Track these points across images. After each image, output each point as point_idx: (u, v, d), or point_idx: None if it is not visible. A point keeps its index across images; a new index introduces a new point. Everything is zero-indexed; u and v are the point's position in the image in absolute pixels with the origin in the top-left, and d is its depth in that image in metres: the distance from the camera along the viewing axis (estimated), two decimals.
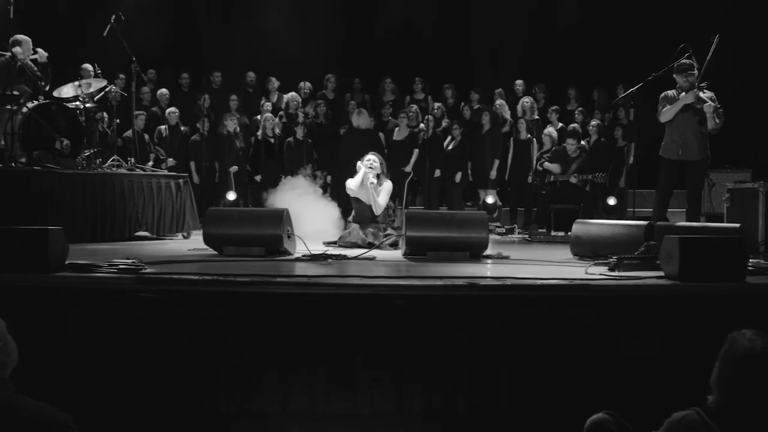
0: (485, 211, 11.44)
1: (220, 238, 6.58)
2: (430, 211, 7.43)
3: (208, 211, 6.75)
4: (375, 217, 8.09)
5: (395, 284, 4.89)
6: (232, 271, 5.29)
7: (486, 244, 6.49)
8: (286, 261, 6.27)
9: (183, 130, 12.16)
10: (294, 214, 7.73)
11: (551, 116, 12.53)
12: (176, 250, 7.20)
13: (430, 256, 6.43)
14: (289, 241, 6.69)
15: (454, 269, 5.70)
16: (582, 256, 6.78)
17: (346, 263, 6.16)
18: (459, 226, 6.44)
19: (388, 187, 8.29)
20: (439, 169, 11.96)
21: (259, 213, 6.64)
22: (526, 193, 12.15)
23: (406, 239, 6.43)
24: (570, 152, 10.37)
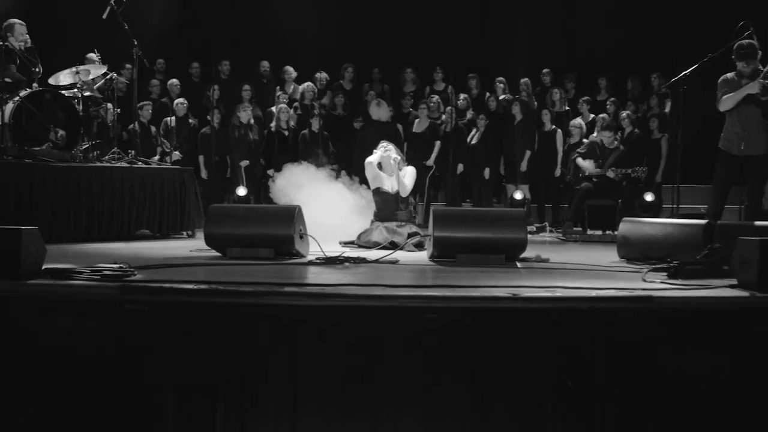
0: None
1: (223, 238, 5.82)
2: (460, 209, 6.59)
3: (210, 209, 5.99)
4: (399, 205, 7.31)
5: (424, 295, 4.10)
6: (235, 278, 4.53)
7: (524, 246, 5.69)
8: (297, 265, 5.50)
9: (191, 123, 11.40)
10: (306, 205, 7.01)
11: (582, 107, 11.71)
12: (176, 252, 6.45)
13: (460, 260, 5.64)
14: (301, 242, 5.91)
15: (490, 276, 4.91)
16: (630, 258, 5.99)
17: (365, 268, 5.37)
18: (493, 225, 5.64)
19: (412, 171, 7.57)
20: (462, 164, 11.16)
21: (267, 210, 5.88)
22: (553, 188, 11.35)
23: (434, 240, 5.64)
24: (607, 144, 9.53)
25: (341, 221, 7.75)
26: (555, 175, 11.17)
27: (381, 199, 7.38)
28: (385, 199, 7.35)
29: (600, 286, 4.38)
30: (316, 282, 4.44)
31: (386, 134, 10.22)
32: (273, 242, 5.75)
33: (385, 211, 7.33)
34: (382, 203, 7.37)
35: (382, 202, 7.37)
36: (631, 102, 11.91)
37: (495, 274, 4.99)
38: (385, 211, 7.32)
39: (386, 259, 5.72)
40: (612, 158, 9.41)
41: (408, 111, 11.84)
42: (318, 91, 11.78)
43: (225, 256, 5.85)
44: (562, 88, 12.18)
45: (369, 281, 4.63)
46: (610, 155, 9.45)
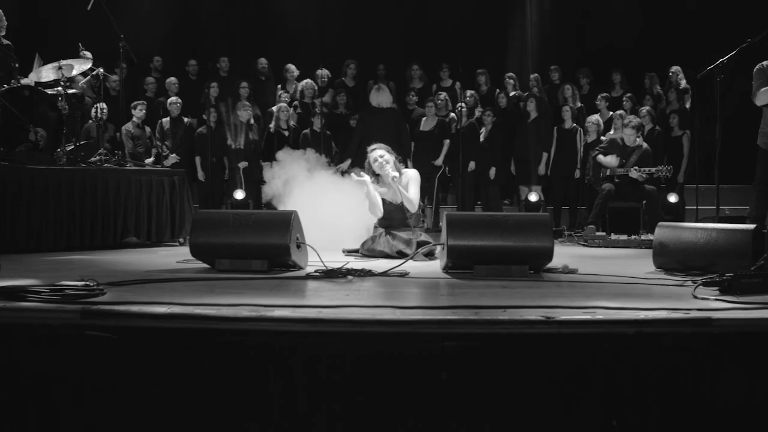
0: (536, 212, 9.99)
1: (211, 248, 5.12)
2: (477, 214, 5.84)
3: (196, 215, 5.29)
4: (407, 219, 6.55)
5: (441, 319, 3.40)
6: (217, 298, 3.83)
7: (551, 255, 4.97)
8: (293, 279, 4.78)
9: (186, 122, 10.70)
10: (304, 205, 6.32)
11: (600, 104, 11.00)
12: (162, 263, 5.76)
13: (478, 272, 4.93)
14: (299, 251, 5.21)
15: (515, 292, 4.20)
16: (668, 268, 5.28)
17: (371, 282, 4.67)
18: (515, 232, 4.92)
19: (414, 175, 6.66)
20: (473, 162, 10.46)
21: (260, 217, 5.16)
22: (572, 190, 10.64)
23: (448, 250, 4.92)
24: (628, 142, 8.80)
25: (345, 223, 7.05)
26: (575, 177, 10.46)
27: (385, 209, 6.62)
28: (389, 210, 6.60)
29: (645, 306, 3.67)
30: (312, 303, 3.73)
31: (388, 121, 9.54)
32: (266, 253, 5.05)
33: (389, 219, 6.60)
34: (387, 215, 6.62)
35: (386, 212, 6.62)
36: (650, 98, 11.21)
37: (520, 290, 4.28)
38: (389, 220, 6.60)
39: (395, 271, 5.01)
40: (635, 157, 8.70)
41: (413, 108, 11.14)
42: (319, 88, 11.10)
43: (214, 268, 5.15)
44: (576, 84, 11.47)
45: (375, 300, 3.93)
46: (633, 153, 8.73)
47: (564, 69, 11.85)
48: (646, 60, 11.92)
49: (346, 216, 7.15)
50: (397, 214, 6.55)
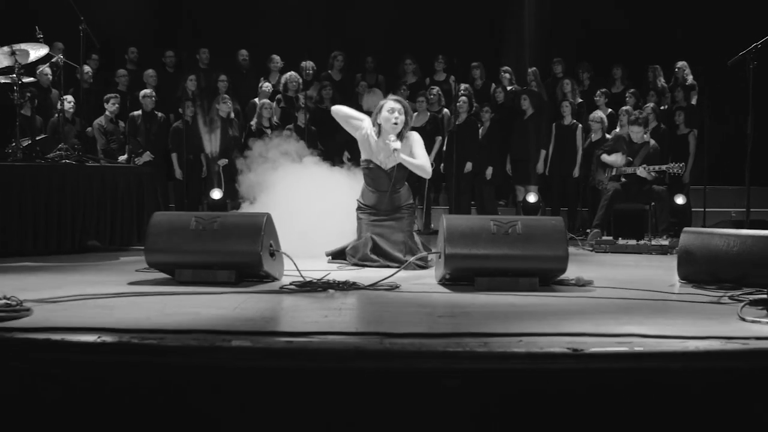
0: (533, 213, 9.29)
1: (169, 256, 4.39)
2: (479, 217, 5.06)
3: (153, 218, 4.53)
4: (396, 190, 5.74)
5: (441, 351, 2.69)
6: (167, 321, 3.12)
7: (565, 267, 4.27)
8: (264, 293, 4.06)
9: (159, 117, 9.92)
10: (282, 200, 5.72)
11: (599, 100, 10.29)
12: (118, 271, 5.02)
13: (480, 284, 4.22)
14: (272, 260, 4.49)
15: (527, 313, 3.49)
16: (695, 280, 4.59)
17: (355, 297, 3.95)
18: (524, 238, 4.22)
19: (416, 138, 5.76)
20: (470, 162, 9.75)
21: (227, 220, 4.43)
22: (570, 190, 9.94)
23: (446, 259, 4.21)
24: (636, 140, 8.08)
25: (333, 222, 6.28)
26: (573, 176, 9.77)
27: (371, 177, 5.77)
28: (375, 178, 5.75)
29: (691, 333, 2.97)
30: (280, 328, 3.01)
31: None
32: (234, 262, 4.32)
33: (373, 195, 5.76)
34: (372, 182, 5.77)
35: (372, 181, 5.77)
36: (653, 93, 10.52)
37: (532, 310, 3.57)
38: (373, 196, 5.76)
39: (384, 284, 4.29)
40: (642, 154, 7.98)
41: None
42: (304, 81, 10.36)
43: (174, 279, 4.43)
44: (575, 79, 10.77)
45: (359, 323, 3.22)
46: (640, 151, 8.02)
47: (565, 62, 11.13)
48: (648, 54, 11.24)
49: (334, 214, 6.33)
50: (383, 183, 5.71)
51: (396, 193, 5.76)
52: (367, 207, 5.79)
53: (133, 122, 9.78)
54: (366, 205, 5.80)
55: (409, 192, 5.91)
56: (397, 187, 5.77)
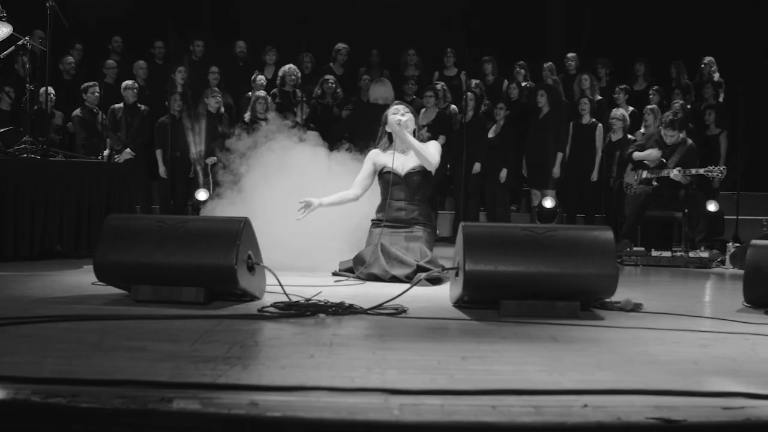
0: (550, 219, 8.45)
1: (124, 269, 3.55)
2: (505, 226, 4.10)
3: (106, 221, 3.68)
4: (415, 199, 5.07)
5: (469, 423, 1.84)
6: (98, 363, 2.29)
7: (614, 288, 3.42)
8: (237, 318, 3.20)
9: (142, 110, 9.07)
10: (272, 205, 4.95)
11: (619, 97, 9.44)
12: (68, 286, 4.17)
13: (507, 309, 3.37)
14: (251, 275, 3.64)
15: (576, 350, 2.65)
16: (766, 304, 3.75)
17: (351, 327, 3.10)
18: (564, 253, 3.37)
19: (434, 142, 5.29)
20: (479, 163, 8.92)
21: (196, 226, 3.58)
22: (588, 194, 9.08)
23: (465, 278, 3.35)
24: (669, 142, 7.18)
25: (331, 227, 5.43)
26: (591, 179, 8.92)
27: (383, 183, 5.15)
28: (388, 182, 5.08)
29: None
30: (245, 380, 2.16)
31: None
32: (203, 277, 3.48)
33: (388, 204, 5.04)
34: (386, 189, 5.11)
35: (385, 187, 5.12)
36: (679, 91, 9.68)
37: (585, 348, 2.73)
38: (388, 206, 5.04)
39: (389, 305, 3.44)
40: (677, 155, 7.09)
41: (411, 99, 9.56)
42: (303, 75, 9.53)
43: (131, 297, 3.58)
44: (594, 75, 9.91)
45: (354, 369, 2.35)
46: (675, 151, 7.13)
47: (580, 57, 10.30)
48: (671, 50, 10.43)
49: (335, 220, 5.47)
50: (398, 192, 5.06)
51: (414, 205, 5.06)
52: (380, 221, 5.06)
53: (113, 115, 8.95)
54: (379, 220, 5.08)
55: (430, 214, 5.25)
56: (416, 198, 5.09)
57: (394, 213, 4.98)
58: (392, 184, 5.03)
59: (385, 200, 5.06)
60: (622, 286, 4.31)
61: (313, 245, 5.27)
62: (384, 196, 5.09)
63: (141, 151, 8.96)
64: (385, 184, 5.07)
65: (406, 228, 4.94)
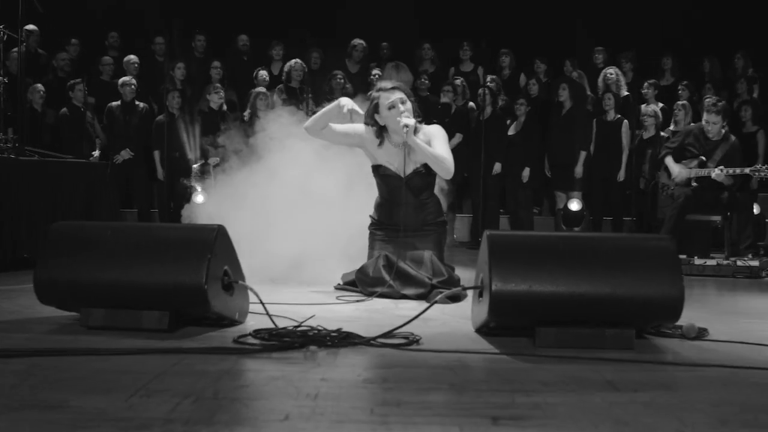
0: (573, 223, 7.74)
1: (72, 289, 2.86)
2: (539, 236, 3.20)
3: (50, 230, 2.99)
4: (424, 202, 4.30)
5: None
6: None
7: (679, 313, 2.69)
8: (203, 353, 2.50)
9: (141, 108, 8.43)
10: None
11: (647, 93, 8.72)
12: (19, 306, 3.50)
13: (544, 339, 2.65)
14: (229, 295, 2.94)
15: (650, 403, 1.94)
16: None
17: (345, 365, 2.39)
18: (614, 269, 2.65)
19: (437, 131, 4.26)
20: (499, 163, 8.21)
21: (160, 234, 2.88)
22: (615, 195, 8.36)
23: (492, 299, 2.63)
24: (712, 135, 6.42)
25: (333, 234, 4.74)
26: (618, 179, 8.20)
27: (383, 184, 4.33)
28: (388, 185, 4.30)
29: None
30: None
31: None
32: (169, 299, 2.78)
33: (389, 208, 4.31)
34: (386, 192, 4.33)
35: (386, 191, 4.33)
36: (710, 86, 8.94)
37: (652, 396, 2.01)
38: (389, 210, 4.31)
39: (398, 333, 2.74)
40: (720, 152, 6.34)
41: (425, 96, 8.85)
42: (309, 71, 8.86)
43: (82, 323, 2.89)
44: (619, 69, 9.17)
45: None
46: (717, 148, 6.37)
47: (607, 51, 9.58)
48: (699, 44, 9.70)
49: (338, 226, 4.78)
50: (397, 194, 4.24)
51: (421, 205, 4.30)
52: (382, 223, 4.31)
53: (111, 114, 8.32)
54: (380, 221, 4.33)
55: (439, 206, 4.42)
56: (423, 197, 4.30)
57: (397, 218, 4.23)
58: (394, 187, 4.26)
59: (385, 201, 4.32)
60: None
61: (312, 254, 4.58)
62: (384, 198, 4.34)
63: (140, 151, 8.33)
64: (386, 187, 4.30)
65: (413, 232, 4.21)
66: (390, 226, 4.25)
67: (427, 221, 4.27)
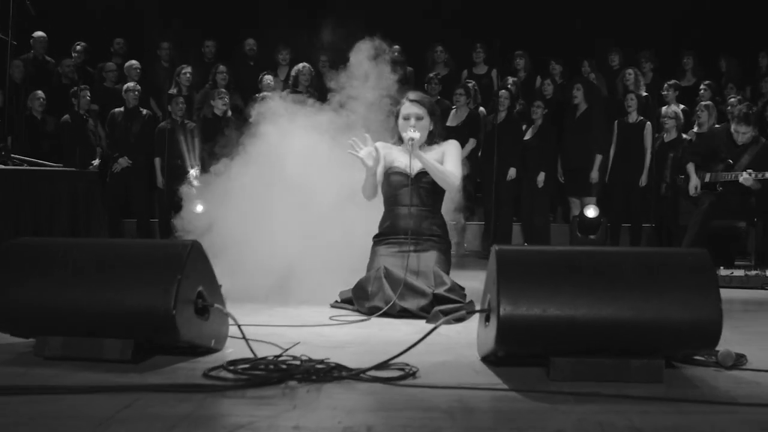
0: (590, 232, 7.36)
1: (27, 313, 2.52)
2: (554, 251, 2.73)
3: (6, 246, 2.66)
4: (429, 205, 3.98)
5: None
6: None
7: (717, 340, 2.31)
8: (166, 391, 2.16)
9: (144, 114, 8.14)
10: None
11: (668, 93, 8.31)
12: None
13: (560, 370, 2.28)
14: (204, 320, 2.60)
15: None
16: None
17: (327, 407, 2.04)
18: (640, 288, 2.28)
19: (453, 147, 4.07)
20: (514, 168, 7.84)
21: (123, 252, 2.54)
22: (635, 201, 7.97)
23: (501, 326, 2.27)
24: (739, 139, 5.98)
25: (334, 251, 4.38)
26: (639, 184, 7.81)
27: (389, 186, 4.05)
28: (395, 186, 4.01)
29: None
30: None
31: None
32: (133, 326, 2.45)
33: (393, 213, 4.00)
34: (391, 193, 4.04)
35: (391, 191, 4.04)
36: (733, 86, 8.55)
37: None
38: (393, 215, 4.00)
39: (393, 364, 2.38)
40: (748, 156, 5.91)
41: (436, 100, 8.49)
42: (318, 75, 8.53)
43: (36, 353, 2.56)
44: (638, 69, 8.78)
45: None
46: (745, 152, 5.95)
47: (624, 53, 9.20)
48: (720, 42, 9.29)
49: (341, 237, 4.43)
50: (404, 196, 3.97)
51: (427, 213, 3.98)
52: (385, 235, 3.98)
53: (112, 120, 8.03)
54: (384, 233, 4.01)
55: (445, 225, 4.13)
56: (428, 205, 3.99)
57: (402, 223, 3.91)
58: (400, 187, 3.97)
59: (390, 208, 4.01)
60: None
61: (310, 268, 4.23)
62: (389, 203, 4.03)
63: (141, 158, 8.02)
64: (391, 188, 4.01)
65: (416, 243, 3.86)
66: (393, 236, 3.90)
67: (433, 231, 3.92)
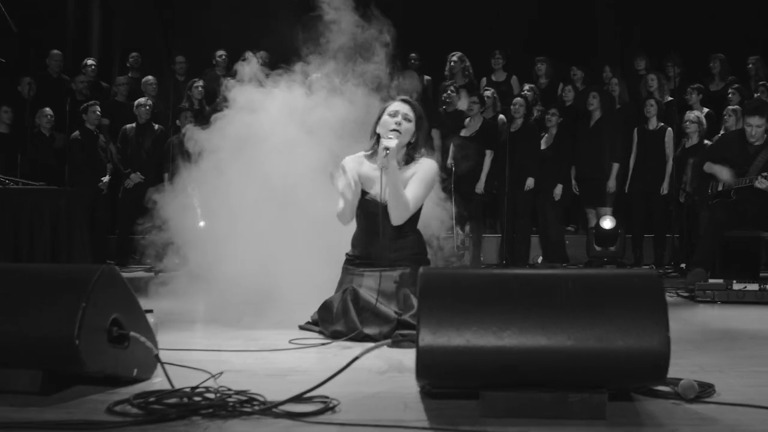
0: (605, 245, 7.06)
1: None
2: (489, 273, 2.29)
3: None
4: (393, 234, 3.66)
5: None
6: None
7: (663, 372, 2.05)
8: (57, 431, 1.99)
9: (156, 129, 8.07)
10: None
11: (691, 98, 7.96)
12: None
13: (491, 406, 2.05)
14: (122, 349, 2.41)
15: None
16: None
17: None
18: (579, 313, 2.04)
19: (424, 172, 3.68)
20: (532, 178, 7.56)
21: (33, 276, 2.36)
22: (657, 211, 7.64)
23: (419, 358, 2.06)
24: (753, 139, 5.63)
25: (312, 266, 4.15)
26: (661, 192, 7.48)
27: (361, 211, 3.73)
28: (366, 214, 3.70)
29: None
30: None
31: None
32: (38, 355, 2.27)
33: (364, 238, 3.73)
34: (363, 217, 3.74)
35: (363, 216, 3.73)
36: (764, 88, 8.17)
37: None
38: (364, 240, 3.73)
39: (314, 395, 2.17)
40: (762, 158, 5.55)
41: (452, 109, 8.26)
42: None
43: None
44: (663, 74, 8.46)
45: None
46: (759, 154, 5.60)
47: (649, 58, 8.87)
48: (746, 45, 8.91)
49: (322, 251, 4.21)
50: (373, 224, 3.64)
51: (400, 237, 3.68)
52: (356, 258, 3.74)
53: (124, 136, 7.97)
54: (355, 256, 3.76)
55: (421, 241, 3.81)
56: (403, 229, 3.68)
57: (373, 251, 3.65)
58: (372, 216, 3.64)
59: (362, 231, 3.74)
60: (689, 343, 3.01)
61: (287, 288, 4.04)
62: (361, 227, 3.75)
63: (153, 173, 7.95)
64: (363, 213, 3.71)
65: (390, 268, 3.61)
66: (364, 259, 3.67)
67: (405, 255, 3.65)
